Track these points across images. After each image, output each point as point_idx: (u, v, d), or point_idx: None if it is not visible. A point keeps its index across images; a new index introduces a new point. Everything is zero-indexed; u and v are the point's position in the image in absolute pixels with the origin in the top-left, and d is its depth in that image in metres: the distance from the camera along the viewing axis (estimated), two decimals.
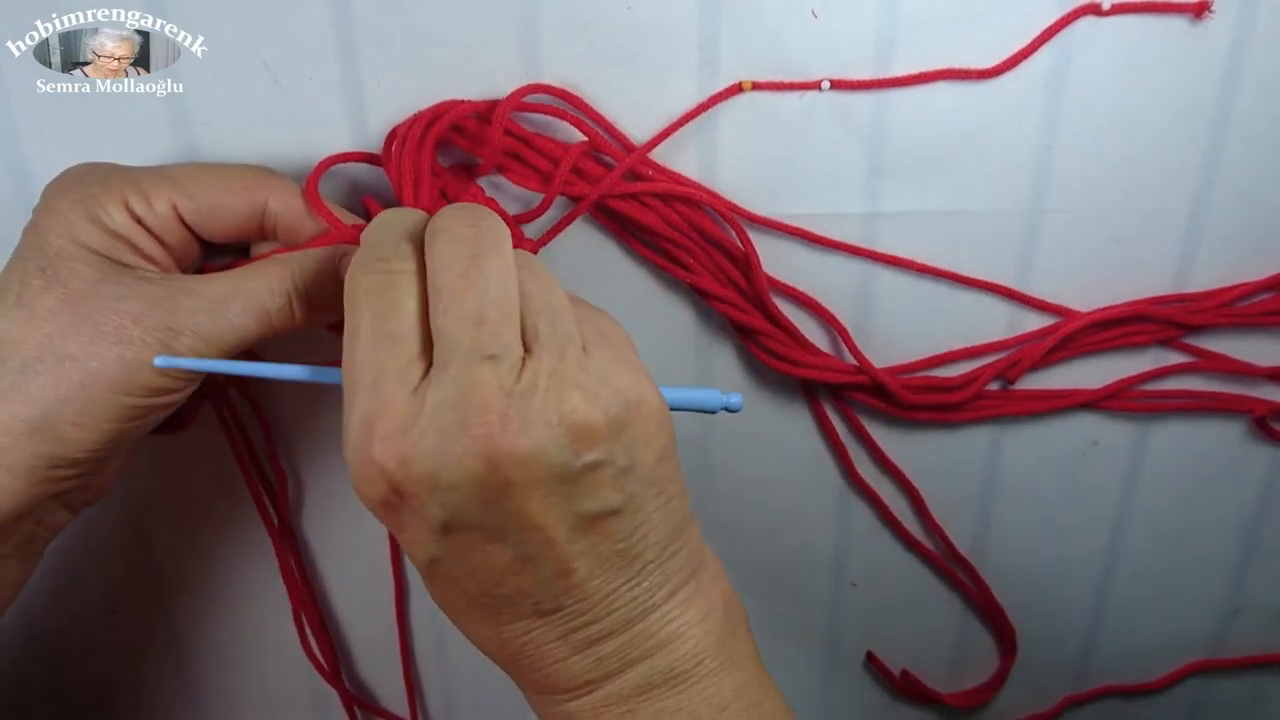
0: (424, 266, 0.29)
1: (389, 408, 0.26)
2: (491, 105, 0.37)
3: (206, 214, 0.34)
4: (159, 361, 0.30)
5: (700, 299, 0.41)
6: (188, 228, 0.34)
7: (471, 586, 0.29)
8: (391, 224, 0.30)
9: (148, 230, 0.33)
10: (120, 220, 0.32)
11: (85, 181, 0.32)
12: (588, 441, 0.27)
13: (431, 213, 0.31)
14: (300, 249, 0.35)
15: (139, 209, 0.32)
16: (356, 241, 0.34)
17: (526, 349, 0.28)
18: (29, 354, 0.30)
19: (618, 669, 0.30)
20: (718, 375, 0.44)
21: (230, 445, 0.43)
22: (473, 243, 0.28)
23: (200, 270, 0.36)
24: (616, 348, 0.30)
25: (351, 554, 0.47)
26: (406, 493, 0.27)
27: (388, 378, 0.27)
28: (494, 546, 0.28)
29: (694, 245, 0.40)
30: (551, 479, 0.27)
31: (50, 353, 0.30)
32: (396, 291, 0.28)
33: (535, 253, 0.39)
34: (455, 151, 0.39)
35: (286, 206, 0.35)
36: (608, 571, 0.29)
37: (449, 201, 0.37)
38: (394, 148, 0.36)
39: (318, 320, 0.34)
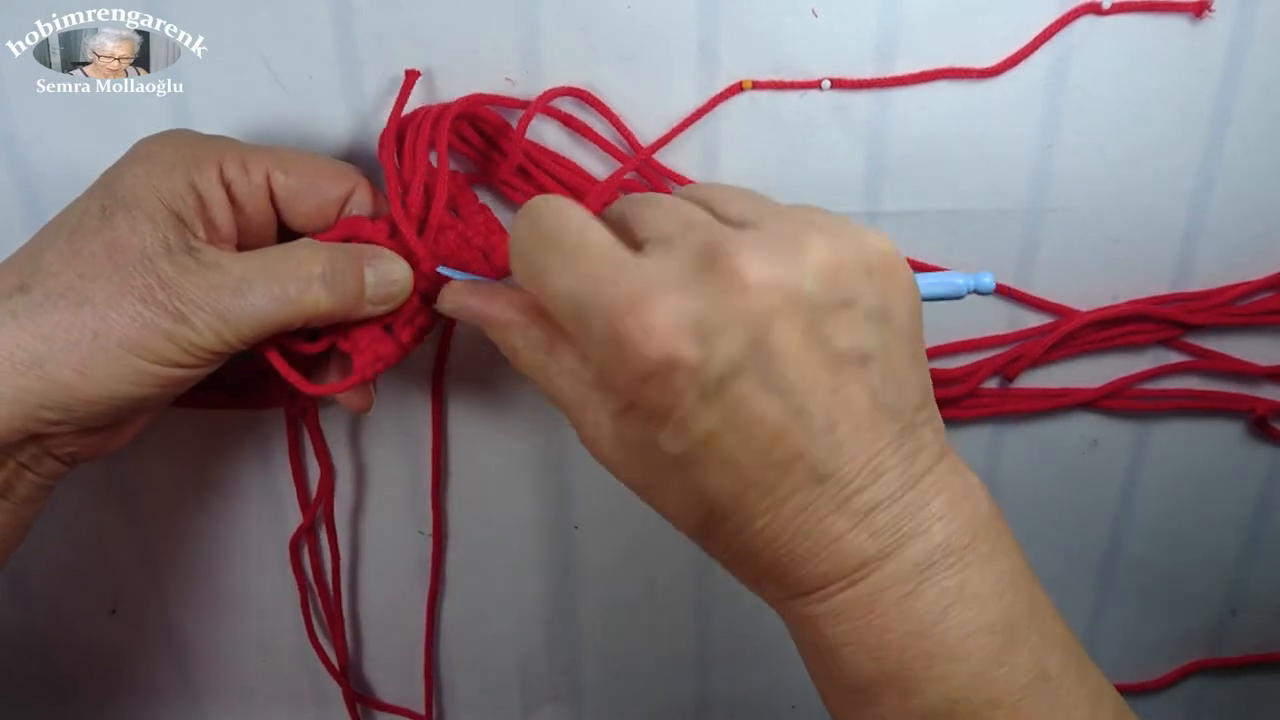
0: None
1: (633, 281, 0.26)
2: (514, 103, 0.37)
3: (297, 191, 0.34)
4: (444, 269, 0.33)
5: None
6: (273, 204, 0.34)
7: (747, 458, 0.27)
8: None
9: (231, 197, 0.33)
10: (209, 179, 0.32)
11: (186, 136, 0.33)
12: (835, 277, 0.27)
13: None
14: (329, 239, 0.35)
15: (232, 173, 0.33)
16: (378, 241, 0.35)
17: (741, 227, 0.28)
18: (56, 288, 0.30)
19: (893, 546, 0.28)
20: None
21: (287, 427, 0.43)
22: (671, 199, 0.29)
23: None
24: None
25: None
26: (677, 354, 0.26)
27: (609, 262, 0.27)
28: (765, 398, 0.26)
29: None
30: (806, 309, 0.26)
31: (75, 292, 0.30)
32: (579, 215, 0.28)
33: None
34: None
35: (366, 205, 0.35)
36: (868, 430, 0.28)
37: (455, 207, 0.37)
38: (409, 136, 0.35)
39: (338, 313, 0.34)
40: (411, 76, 0.36)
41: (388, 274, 0.34)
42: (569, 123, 0.38)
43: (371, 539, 0.47)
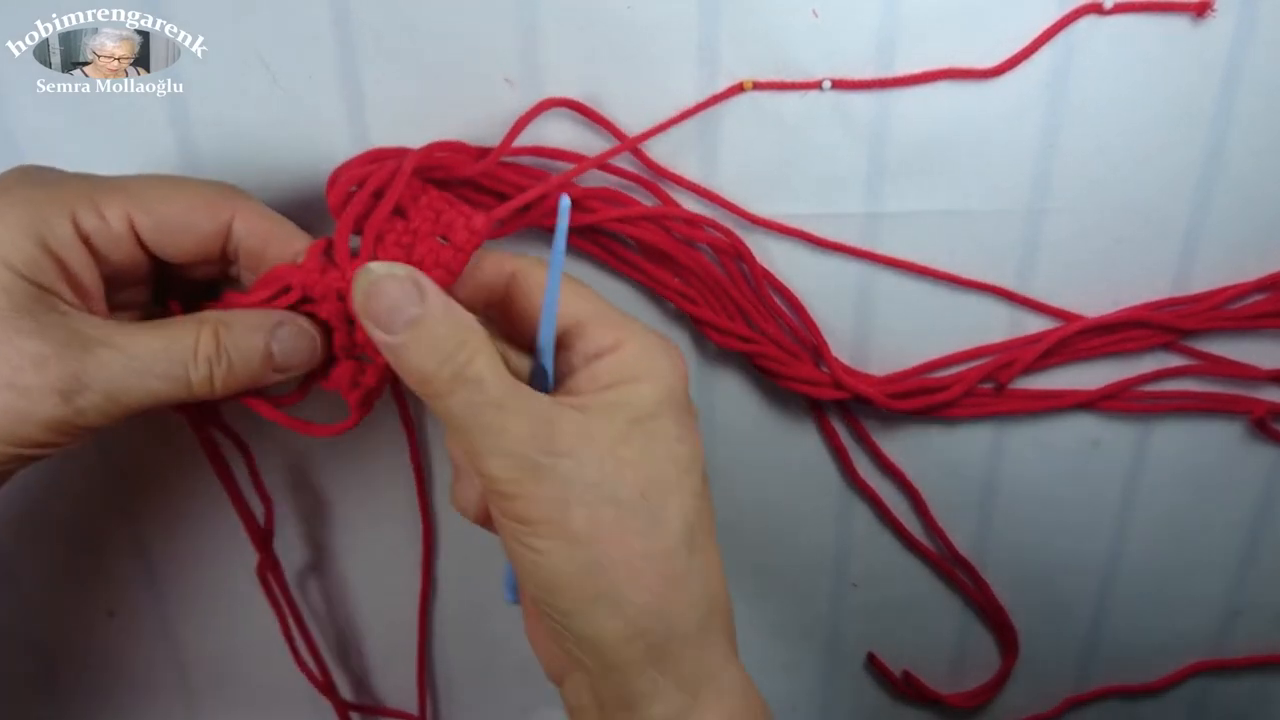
0: None
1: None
2: (484, 151, 0.37)
3: (166, 231, 0.31)
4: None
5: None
6: (142, 246, 0.31)
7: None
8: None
9: (90, 249, 0.30)
10: (63, 238, 0.29)
11: (34, 190, 0.30)
12: None
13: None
14: (236, 308, 0.33)
15: (88, 224, 0.30)
16: (309, 280, 0.32)
17: None
18: None
19: None
20: (718, 377, 0.44)
21: (215, 471, 0.40)
22: None
23: (164, 305, 0.34)
24: None
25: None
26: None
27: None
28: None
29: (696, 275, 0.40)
30: None
31: None
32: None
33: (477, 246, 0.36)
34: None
35: (252, 229, 0.32)
36: None
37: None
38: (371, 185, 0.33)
39: (234, 393, 0.32)
40: None
41: (292, 339, 0.32)
42: (560, 156, 0.38)
43: (370, 539, 0.47)
